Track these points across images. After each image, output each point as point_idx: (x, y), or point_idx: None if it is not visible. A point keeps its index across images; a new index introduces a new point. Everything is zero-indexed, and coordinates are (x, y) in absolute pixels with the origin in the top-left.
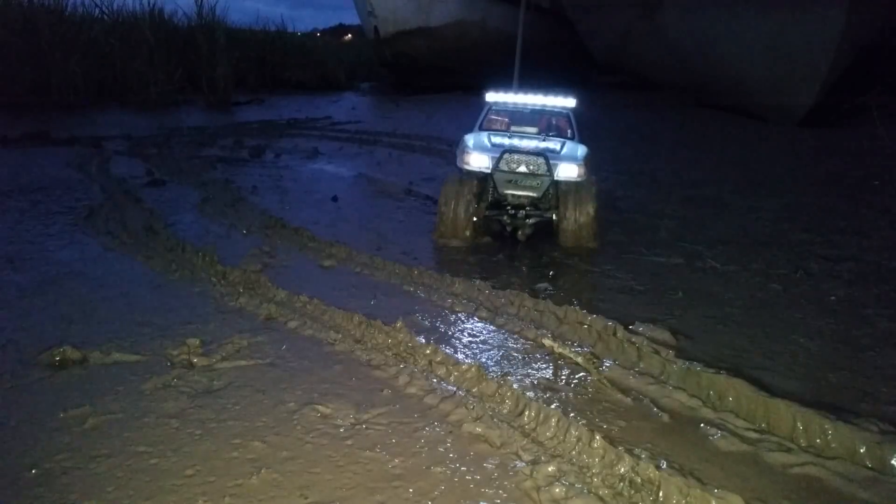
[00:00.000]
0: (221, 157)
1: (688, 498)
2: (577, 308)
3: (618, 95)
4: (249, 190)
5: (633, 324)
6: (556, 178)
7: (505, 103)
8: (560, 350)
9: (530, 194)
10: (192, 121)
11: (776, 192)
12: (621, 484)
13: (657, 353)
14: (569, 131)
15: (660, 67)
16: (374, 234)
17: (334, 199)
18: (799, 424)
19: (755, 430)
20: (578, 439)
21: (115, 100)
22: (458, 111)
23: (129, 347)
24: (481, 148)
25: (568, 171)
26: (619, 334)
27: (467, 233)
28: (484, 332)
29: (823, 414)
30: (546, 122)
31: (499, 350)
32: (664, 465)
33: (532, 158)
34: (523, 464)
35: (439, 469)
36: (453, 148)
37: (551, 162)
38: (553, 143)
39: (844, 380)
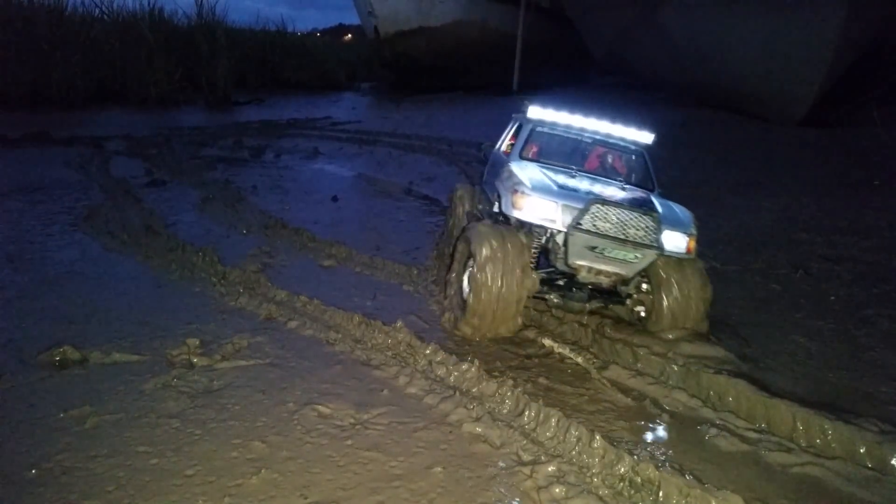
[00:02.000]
0: (221, 156)
1: (688, 498)
2: None
3: (617, 95)
4: (249, 190)
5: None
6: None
7: (554, 124)
8: (560, 350)
9: (619, 272)
10: (192, 121)
11: (776, 192)
12: (621, 484)
13: (657, 353)
14: (637, 177)
15: (660, 67)
16: (374, 234)
17: (334, 199)
18: (799, 424)
19: (755, 430)
20: (578, 439)
21: (115, 100)
22: (459, 111)
23: (129, 347)
24: (546, 191)
25: (675, 243)
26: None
27: (515, 323)
28: None
29: (823, 414)
30: (612, 161)
31: (498, 350)
32: (664, 465)
33: (638, 218)
34: (523, 464)
35: (439, 469)
36: (453, 148)
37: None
38: (636, 195)
39: (844, 380)
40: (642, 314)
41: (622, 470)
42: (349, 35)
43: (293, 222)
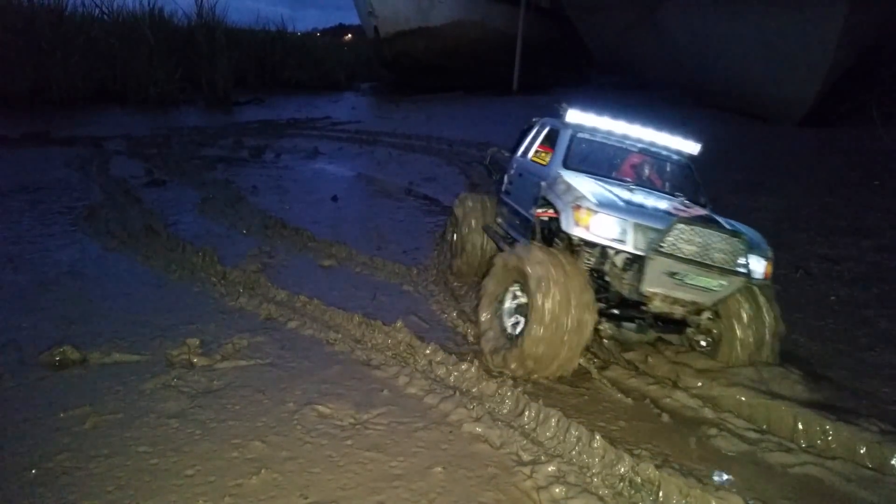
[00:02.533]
0: (221, 156)
1: (688, 498)
2: None
3: (617, 95)
4: (249, 190)
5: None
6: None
7: (594, 130)
8: None
9: (697, 301)
10: (192, 121)
11: (776, 192)
12: (621, 484)
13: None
14: (689, 191)
15: (659, 67)
16: (374, 233)
17: (334, 199)
18: (799, 424)
19: (755, 431)
20: (578, 439)
21: (115, 100)
22: (459, 111)
23: (129, 347)
24: (614, 207)
25: (755, 268)
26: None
27: (574, 362)
28: None
29: (823, 414)
30: (658, 173)
31: None
32: (664, 466)
33: (725, 241)
34: (523, 464)
35: (439, 469)
36: (453, 147)
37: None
38: (701, 213)
39: (844, 380)
40: (703, 343)
41: (622, 470)
42: (349, 35)
43: (293, 222)
